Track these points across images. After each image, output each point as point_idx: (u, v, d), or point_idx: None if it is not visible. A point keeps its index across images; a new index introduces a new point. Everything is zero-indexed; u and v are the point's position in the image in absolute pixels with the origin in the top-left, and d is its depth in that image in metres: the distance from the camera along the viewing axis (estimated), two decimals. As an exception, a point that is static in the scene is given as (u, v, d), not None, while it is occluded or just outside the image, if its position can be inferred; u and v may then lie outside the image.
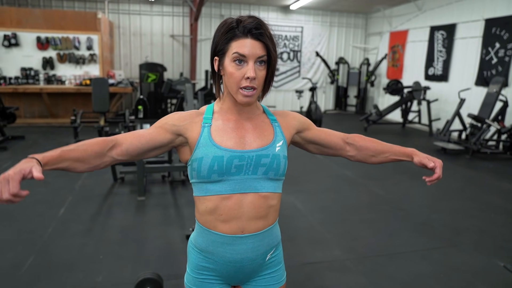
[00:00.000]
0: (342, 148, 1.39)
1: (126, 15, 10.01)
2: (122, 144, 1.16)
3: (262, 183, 1.19)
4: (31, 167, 0.93)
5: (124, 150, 1.16)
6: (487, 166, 6.07)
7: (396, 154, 1.37)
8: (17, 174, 0.89)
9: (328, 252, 3.18)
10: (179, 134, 1.20)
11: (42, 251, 3.02)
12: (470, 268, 2.98)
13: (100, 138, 1.14)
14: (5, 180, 0.87)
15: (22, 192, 0.90)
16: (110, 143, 1.14)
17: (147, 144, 1.18)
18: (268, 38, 1.11)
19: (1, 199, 0.87)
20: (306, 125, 1.34)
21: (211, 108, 1.24)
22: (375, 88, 11.67)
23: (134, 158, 1.20)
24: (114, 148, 1.15)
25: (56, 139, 6.96)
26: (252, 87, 1.11)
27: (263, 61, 1.11)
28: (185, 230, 3.44)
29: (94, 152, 1.11)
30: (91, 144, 1.11)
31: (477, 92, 7.78)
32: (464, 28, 8.28)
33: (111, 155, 1.14)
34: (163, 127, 1.20)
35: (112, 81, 8.50)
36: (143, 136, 1.18)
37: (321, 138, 1.37)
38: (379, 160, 1.40)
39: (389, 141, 1.45)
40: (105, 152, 1.13)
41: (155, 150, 1.21)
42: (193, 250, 1.27)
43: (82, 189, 4.45)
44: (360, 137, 1.41)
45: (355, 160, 1.42)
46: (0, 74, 8.16)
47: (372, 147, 1.39)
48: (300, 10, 11.17)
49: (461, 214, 4.09)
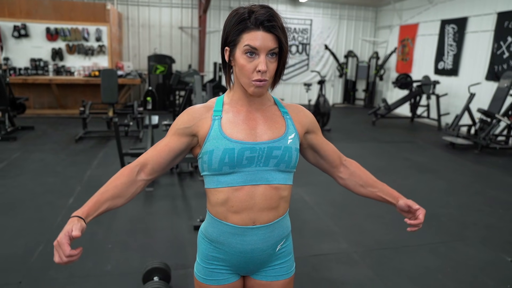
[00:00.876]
0: (336, 167, 1.40)
1: (135, 7, 10.01)
2: (147, 165, 1.21)
3: (273, 174, 1.19)
4: (72, 228, 1.04)
5: (151, 170, 1.22)
6: (496, 162, 6.02)
7: (384, 193, 1.38)
8: (64, 238, 1.01)
9: (335, 245, 3.18)
10: (193, 134, 1.21)
11: (52, 239, 3.06)
12: (477, 263, 2.97)
13: (125, 168, 1.21)
14: (58, 246, 1.01)
15: (74, 251, 1.01)
16: (135, 169, 1.20)
17: (169, 156, 1.22)
18: (280, 30, 1.09)
19: (61, 263, 1.01)
20: (315, 128, 1.33)
21: (221, 100, 1.24)
22: (384, 82, 11.58)
23: (164, 171, 1.26)
24: (141, 172, 1.21)
25: (65, 130, 7.02)
26: (263, 79, 1.10)
27: (274, 53, 1.10)
28: (193, 221, 3.47)
29: (125, 184, 1.18)
30: (119, 178, 1.18)
31: (488, 87, 7.69)
32: (476, 22, 8.16)
33: (141, 179, 1.21)
34: (176, 134, 1.21)
35: (121, 73, 8.52)
36: (163, 150, 1.22)
37: (323, 148, 1.36)
38: (365, 192, 1.40)
39: (397, 135, 1.45)
40: (135, 179, 1.20)
41: (179, 156, 1.25)
42: (204, 240, 1.28)
43: (91, 179, 4.50)
44: (357, 165, 1.42)
45: (342, 184, 1.43)
46: (10, 65, 8.22)
47: (364, 177, 1.39)
48: (310, 2, 11.09)
49: (469, 208, 4.07)
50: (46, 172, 4.69)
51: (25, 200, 3.82)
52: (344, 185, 1.43)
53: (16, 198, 3.87)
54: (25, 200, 3.83)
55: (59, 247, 1.00)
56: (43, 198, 3.87)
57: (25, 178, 4.42)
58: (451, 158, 6.17)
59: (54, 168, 4.83)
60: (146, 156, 1.22)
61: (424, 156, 6.19)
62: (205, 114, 1.20)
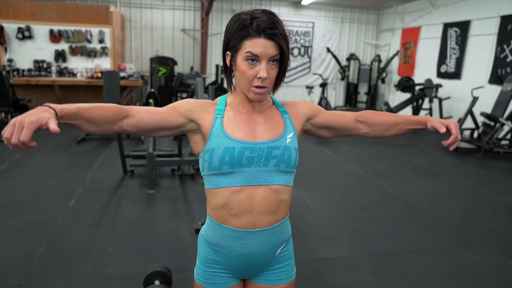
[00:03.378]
0: (355, 127, 1.38)
1: (138, 9, 10.03)
2: (135, 116, 1.16)
3: (273, 175, 1.18)
4: (48, 118, 0.89)
5: (135, 122, 1.16)
6: (500, 166, 5.99)
7: (410, 123, 1.35)
8: (33, 123, 0.86)
9: (337, 249, 3.16)
10: (192, 119, 1.20)
11: (53, 241, 3.05)
12: (481, 268, 2.94)
13: (116, 106, 1.14)
14: (20, 126, 0.85)
15: (31, 142, 0.88)
16: (124, 112, 1.14)
17: (158, 122, 1.18)
18: (281, 37, 1.09)
19: (9, 142, 0.86)
20: (315, 111, 1.34)
21: (223, 99, 1.25)
22: (386, 85, 11.56)
23: (141, 133, 1.20)
24: (126, 118, 1.15)
25: (67, 131, 7.01)
26: (263, 86, 1.12)
27: (275, 59, 1.11)
28: (194, 224, 3.45)
29: (107, 118, 1.11)
30: (106, 109, 1.11)
31: (491, 90, 7.66)
32: (479, 25, 8.14)
33: (121, 124, 1.15)
34: (177, 109, 1.20)
35: (123, 74, 8.53)
36: (157, 113, 1.18)
37: (332, 121, 1.36)
38: (393, 132, 1.38)
39: (399, 139, 1.44)
40: (117, 120, 1.13)
41: (165, 130, 1.21)
42: (203, 244, 1.28)
43: (93, 181, 4.49)
44: (371, 113, 1.39)
45: (370, 137, 1.41)
46: (14, 66, 8.24)
47: (384, 121, 1.37)
48: (312, 5, 11.09)
49: (473, 213, 4.04)
50: (48, 173, 4.68)
51: (26, 202, 3.81)
52: (372, 137, 1.41)
53: (17, 199, 3.86)
54: (26, 201, 3.82)
55: (20, 127, 0.85)
56: (44, 200, 3.86)
57: (26, 180, 4.42)
58: (454, 162, 6.14)
59: (55, 170, 4.82)
60: (139, 109, 1.17)
61: (427, 160, 6.16)
62: (209, 108, 1.21)
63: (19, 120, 0.86)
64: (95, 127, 1.10)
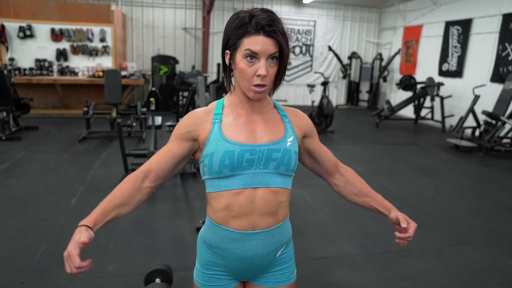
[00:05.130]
0: (332, 174, 1.39)
1: (139, 7, 10.03)
2: (151, 171, 1.22)
3: (273, 177, 1.18)
4: (79, 238, 1.05)
5: (155, 177, 1.23)
6: (501, 164, 5.98)
7: (377, 203, 1.36)
8: (74, 249, 1.02)
9: (338, 247, 3.17)
10: (194, 139, 1.21)
11: (55, 240, 3.06)
12: (481, 267, 2.94)
13: (130, 176, 1.21)
14: (68, 257, 1.02)
15: (84, 263, 1.03)
16: (140, 176, 1.21)
17: (171, 162, 1.23)
18: (281, 34, 1.09)
19: (72, 273, 1.03)
20: (312, 133, 1.33)
21: (221, 103, 1.24)
22: (388, 84, 11.54)
23: (168, 177, 1.27)
24: (146, 179, 1.22)
25: (69, 130, 7.03)
26: (263, 84, 1.11)
27: (274, 57, 1.10)
28: (195, 222, 3.46)
29: (131, 192, 1.19)
30: (125, 186, 1.19)
31: (492, 89, 7.64)
32: (481, 23, 8.12)
33: (147, 186, 1.22)
34: (178, 138, 1.22)
35: (125, 73, 8.54)
36: (165, 156, 1.23)
37: (320, 152, 1.35)
38: (359, 201, 1.39)
39: (401, 137, 1.44)
40: (140, 186, 1.21)
41: (182, 162, 1.25)
42: (203, 246, 1.27)
43: (94, 180, 4.50)
44: (352, 172, 1.41)
45: (336, 191, 1.42)
46: (15, 65, 8.26)
47: (358, 186, 1.38)
48: (313, 4, 11.07)
49: (473, 212, 4.04)
50: (49, 172, 4.69)
51: (28, 200, 3.82)
52: (338, 192, 1.42)
53: (19, 198, 3.88)
54: (28, 200, 3.83)
55: (69, 258, 1.02)
56: (46, 198, 3.87)
57: (28, 178, 4.43)
58: (456, 160, 6.13)
59: (57, 168, 4.84)
60: (150, 163, 1.23)
61: (428, 159, 6.15)
62: (205, 118, 1.21)
63: (65, 254, 1.03)
64: (130, 206, 1.21)
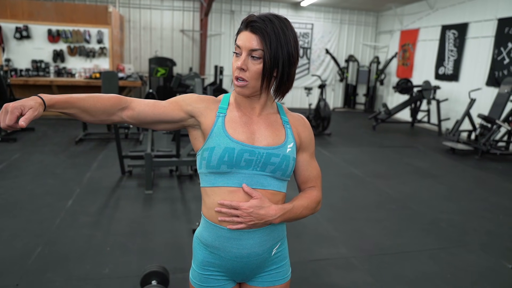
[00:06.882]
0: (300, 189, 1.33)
1: (137, 9, 10.03)
2: (135, 108, 1.16)
3: (269, 180, 1.19)
4: (30, 107, 0.95)
5: (135, 114, 1.16)
6: (496, 167, 6.01)
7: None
8: (16, 108, 0.93)
9: (334, 250, 3.17)
10: (192, 115, 1.20)
11: (50, 241, 3.05)
12: (477, 269, 2.96)
13: (115, 95, 1.14)
14: (5, 111, 0.93)
15: (16, 125, 0.94)
16: (123, 104, 1.15)
17: (159, 116, 1.18)
18: (266, 33, 1.08)
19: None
20: (309, 146, 1.30)
21: (227, 98, 1.24)
22: (385, 87, 11.59)
23: (141, 125, 1.21)
24: (126, 109, 1.16)
25: (65, 132, 7.01)
26: (242, 78, 1.12)
27: (257, 56, 1.10)
28: (192, 224, 3.46)
29: (104, 108, 1.12)
30: (103, 99, 1.12)
31: (488, 93, 7.69)
32: (476, 28, 8.17)
33: (120, 115, 1.15)
34: (178, 104, 1.20)
35: (122, 75, 8.53)
36: (158, 106, 1.18)
37: (304, 167, 1.29)
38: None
39: (398, 140, 1.44)
40: (115, 111, 1.14)
41: (165, 124, 1.21)
42: (199, 246, 1.27)
43: (90, 181, 4.49)
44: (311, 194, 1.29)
45: None
46: (11, 66, 8.23)
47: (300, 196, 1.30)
48: (311, 7, 11.11)
49: (469, 214, 4.06)
50: (46, 173, 4.68)
51: (23, 202, 3.80)
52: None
53: (15, 199, 3.86)
54: (24, 201, 3.82)
55: (6, 112, 0.93)
56: (42, 200, 3.86)
57: (24, 180, 4.41)
58: (452, 163, 6.16)
59: (53, 170, 4.82)
60: (140, 102, 1.18)
61: (424, 161, 6.17)
62: (212, 105, 1.21)
63: (4, 106, 0.94)
64: (91, 117, 1.11)
